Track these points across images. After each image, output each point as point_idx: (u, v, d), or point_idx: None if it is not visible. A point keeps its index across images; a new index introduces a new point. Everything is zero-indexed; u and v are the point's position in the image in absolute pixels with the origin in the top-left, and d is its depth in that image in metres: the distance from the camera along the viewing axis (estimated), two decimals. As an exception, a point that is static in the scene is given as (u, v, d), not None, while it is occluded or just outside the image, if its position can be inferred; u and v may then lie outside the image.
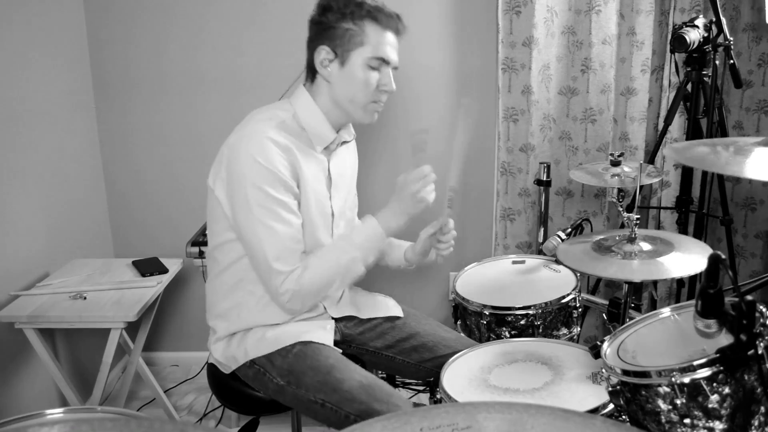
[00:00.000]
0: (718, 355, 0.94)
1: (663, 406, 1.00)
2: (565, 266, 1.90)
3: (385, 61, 1.45)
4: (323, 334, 1.51)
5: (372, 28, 1.42)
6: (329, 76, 1.45)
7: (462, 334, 1.71)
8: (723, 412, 0.95)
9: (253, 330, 1.50)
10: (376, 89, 1.45)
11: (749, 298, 0.88)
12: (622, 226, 1.76)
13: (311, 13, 1.48)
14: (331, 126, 1.49)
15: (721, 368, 0.94)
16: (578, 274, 1.84)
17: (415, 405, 2.10)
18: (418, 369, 1.59)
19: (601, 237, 1.67)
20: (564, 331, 1.73)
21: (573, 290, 1.74)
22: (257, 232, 1.36)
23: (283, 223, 1.38)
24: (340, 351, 1.50)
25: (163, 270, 2.12)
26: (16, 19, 2.02)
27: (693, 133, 2.16)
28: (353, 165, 1.69)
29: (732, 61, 1.98)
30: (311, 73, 1.49)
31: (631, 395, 1.06)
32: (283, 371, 1.43)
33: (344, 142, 1.59)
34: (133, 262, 2.20)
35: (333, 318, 1.59)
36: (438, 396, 1.36)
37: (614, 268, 1.48)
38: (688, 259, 1.47)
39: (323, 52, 1.43)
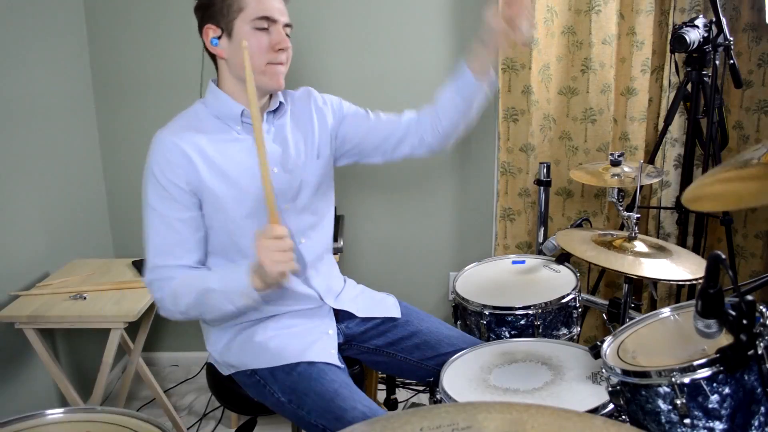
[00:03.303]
0: (718, 355, 0.94)
1: (663, 406, 1.00)
2: (567, 268, 1.91)
3: (271, 20, 1.40)
4: (328, 349, 1.48)
5: None
6: (222, 53, 1.42)
7: (463, 332, 1.70)
8: (723, 412, 0.95)
9: (253, 337, 1.49)
10: (270, 50, 1.40)
11: (749, 298, 0.88)
12: (622, 226, 1.77)
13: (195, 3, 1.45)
14: (238, 102, 1.45)
15: (721, 368, 0.94)
16: (578, 275, 1.84)
17: (415, 405, 2.10)
18: (419, 367, 1.59)
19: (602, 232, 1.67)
20: (564, 331, 1.73)
21: (573, 290, 1.74)
22: (144, 236, 1.43)
23: (160, 238, 1.41)
24: (345, 367, 1.49)
25: (163, 270, 2.12)
26: (16, 19, 2.02)
27: (693, 133, 2.16)
28: (306, 129, 1.55)
29: (732, 61, 1.98)
30: (212, 59, 1.48)
31: (631, 395, 1.06)
32: (286, 388, 1.42)
33: (272, 112, 1.52)
34: (133, 262, 2.20)
35: (333, 309, 1.58)
36: (438, 396, 1.36)
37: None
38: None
39: (210, 31, 1.41)
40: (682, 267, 1.53)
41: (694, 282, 1.51)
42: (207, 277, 1.39)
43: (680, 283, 2.23)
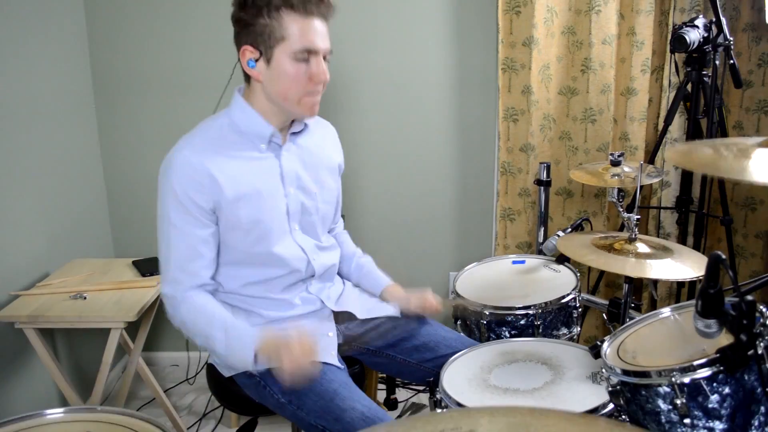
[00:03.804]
0: (718, 355, 0.94)
1: (663, 406, 1.00)
2: (567, 268, 1.91)
3: (312, 51, 1.36)
4: (328, 350, 1.49)
5: (291, 19, 1.33)
6: (258, 76, 1.39)
7: (462, 334, 1.70)
8: (723, 412, 0.95)
9: None
10: (308, 81, 1.37)
11: (749, 298, 0.88)
12: (622, 226, 1.77)
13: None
14: (269, 122, 1.44)
15: (721, 368, 0.94)
16: (578, 274, 1.84)
17: (415, 405, 2.10)
18: (418, 369, 1.59)
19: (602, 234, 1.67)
20: (564, 331, 1.73)
21: (573, 290, 1.74)
22: (161, 247, 1.43)
23: (179, 254, 1.41)
24: (345, 368, 1.50)
25: (163, 270, 2.12)
26: (15, 19, 2.02)
27: (693, 133, 2.16)
28: (322, 155, 1.58)
29: (732, 61, 1.98)
30: (245, 72, 1.44)
31: (631, 395, 1.06)
32: (285, 388, 1.42)
33: (295, 133, 1.52)
34: (133, 262, 2.20)
35: (333, 311, 1.59)
36: (438, 396, 1.36)
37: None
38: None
39: (247, 52, 1.37)
40: (685, 265, 1.53)
41: (699, 279, 1.51)
42: (214, 321, 1.40)
43: (686, 281, 2.23)
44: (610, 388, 1.11)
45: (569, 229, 1.95)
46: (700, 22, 2.03)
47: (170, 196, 1.38)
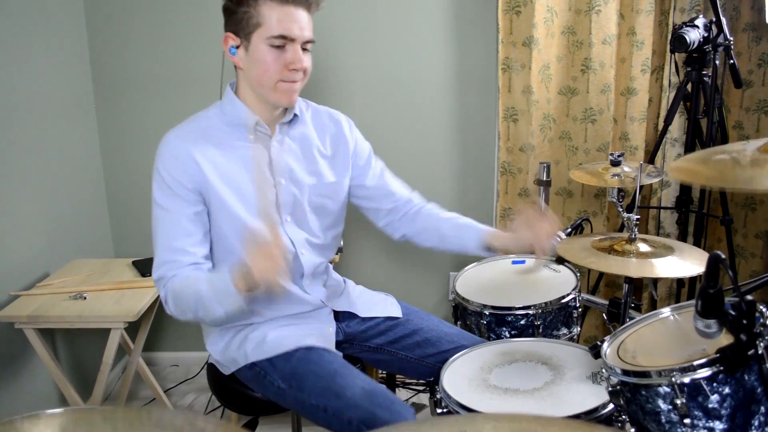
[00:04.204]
0: (718, 355, 0.94)
1: (663, 406, 1.00)
2: (567, 268, 1.91)
3: (288, 39, 1.37)
4: (326, 338, 1.50)
5: (267, 7, 1.36)
6: (239, 63, 1.42)
7: (463, 330, 1.70)
8: (723, 412, 0.95)
9: (252, 333, 1.50)
10: (284, 68, 1.39)
11: (749, 298, 0.88)
12: (622, 226, 1.77)
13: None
14: (254, 113, 1.46)
15: (721, 368, 0.94)
16: (578, 274, 1.84)
17: (415, 405, 2.10)
18: (420, 364, 1.59)
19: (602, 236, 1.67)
20: (564, 331, 1.73)
21: (573, 290, 1.74)
22: (153, 234, 1.43)
23: (167, 234, 1.41)
24: (342, 354, 1.50)
25: (163, 270, 2.11)
26: (16, 19, 2.02)
27: (693, 133, 2.16)
28: (322, 147, 1.58)
29: (732, 61, 1.98)
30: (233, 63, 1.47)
31: (631, 395, 1.06)
32: (285, 374, 1.43)
33: (285, 123, 1.52)
34: (133, 262, 2.20)
35: (333, 310, 1.59)
36: (438, 396, 1.36)
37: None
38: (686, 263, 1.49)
39: (229, 40, 1.41)
40: (688, 261, 1.52)
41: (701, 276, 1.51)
42: (199, 279, 1.38)
43: (691, 276, 2.23)
44: (610, 388, 1.11)
45: (569, 229, 1.95)
46: (700, 22, 2.03)
47: (157, 178, 1.41)
